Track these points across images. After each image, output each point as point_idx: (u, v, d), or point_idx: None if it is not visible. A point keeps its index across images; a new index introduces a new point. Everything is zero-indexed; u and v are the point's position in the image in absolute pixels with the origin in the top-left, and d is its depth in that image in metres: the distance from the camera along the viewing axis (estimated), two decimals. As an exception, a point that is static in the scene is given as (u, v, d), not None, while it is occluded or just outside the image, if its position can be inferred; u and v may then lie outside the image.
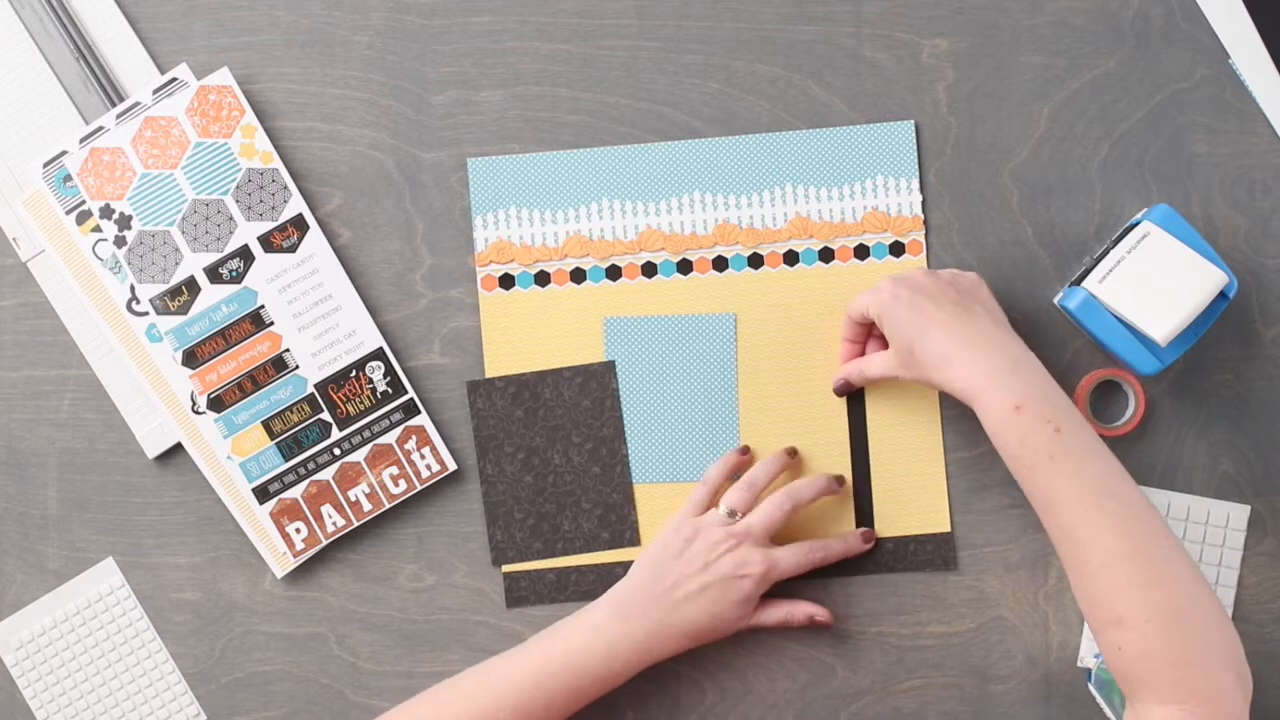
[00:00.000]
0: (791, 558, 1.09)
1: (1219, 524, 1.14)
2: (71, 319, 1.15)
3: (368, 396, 1.14)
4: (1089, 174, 1.16)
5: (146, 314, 1.13)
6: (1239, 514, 1.14)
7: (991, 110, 1.16)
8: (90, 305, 1.13)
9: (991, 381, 0.99)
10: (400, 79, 1.16)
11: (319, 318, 1.14)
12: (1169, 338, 1.07)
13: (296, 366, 1.14)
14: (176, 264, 1.13)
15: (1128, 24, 1.16)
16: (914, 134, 1.16)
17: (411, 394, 1.14)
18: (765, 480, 1.12)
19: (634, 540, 1.15)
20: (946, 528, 1.15)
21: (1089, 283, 1.09)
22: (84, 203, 1.13)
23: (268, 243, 1.14)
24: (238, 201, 1.13)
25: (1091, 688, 1.12)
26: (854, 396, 1.15)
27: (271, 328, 1.14)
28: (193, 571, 1.15)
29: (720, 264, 1.16)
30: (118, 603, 1.15)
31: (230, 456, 1.14)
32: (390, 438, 1.14)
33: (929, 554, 1.15)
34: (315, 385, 1.14)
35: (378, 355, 1.14)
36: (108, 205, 1.13)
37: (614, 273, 1.16)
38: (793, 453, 1.14)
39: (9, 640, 1.14)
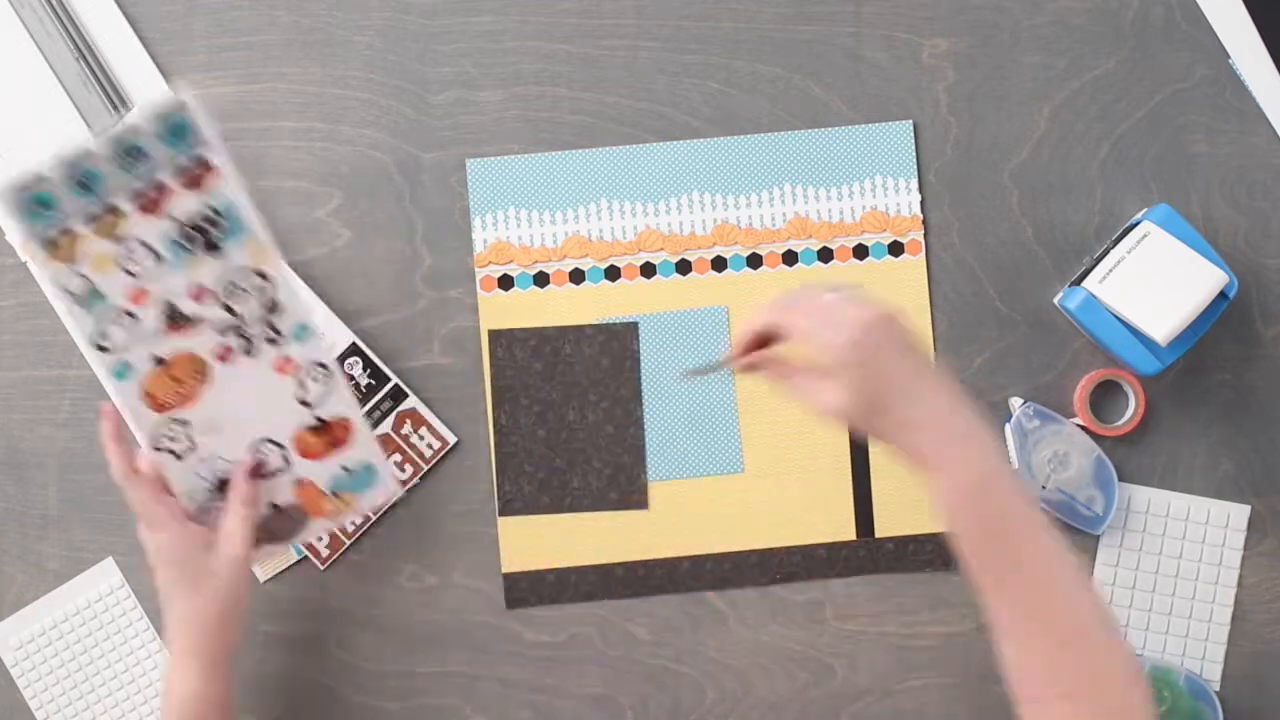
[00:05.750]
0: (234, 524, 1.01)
1: (1219, 524, 1.14)
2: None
3: (355, 393, 1.14)
4: (1089, 174, 1.16)
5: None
6: (1239, 514, 1.14)
7: (991, 110, 1.16)
8: (90, 305, 1.13)
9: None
10: (400, 79, 1.16)
11: None
12: (1169, 338, 1.07)
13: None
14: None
15: (1128, 24, 1.16)
16: (913, 134, 1.16)
17: (395, 380, 1.14)
18: None
19: (642, 503, 1.14)
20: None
21: (1089, 283, 1.09)
22: (84, 203, 1.13)
23: None
24: None
25: (1091, 688, 1.12)
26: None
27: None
28: (193, 571, 1.15)
29: (719, 264, 1.15)
30: (118, 603, 1.15)
31: (230, 456, 1.13)
32: (386, 426, 1.14)
33: (929, 554, 1.15)
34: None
35: (353, 351, 1.14)
36: (108, 205, 1.13)
37: (613, 273, 1.15)
38: None
39: (9, 640, 1.14)
